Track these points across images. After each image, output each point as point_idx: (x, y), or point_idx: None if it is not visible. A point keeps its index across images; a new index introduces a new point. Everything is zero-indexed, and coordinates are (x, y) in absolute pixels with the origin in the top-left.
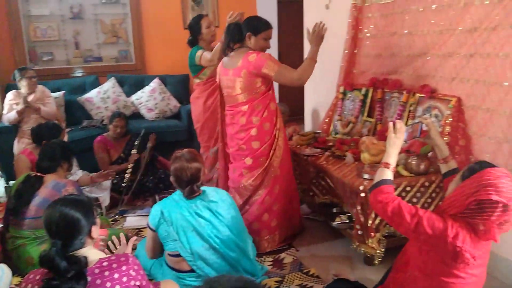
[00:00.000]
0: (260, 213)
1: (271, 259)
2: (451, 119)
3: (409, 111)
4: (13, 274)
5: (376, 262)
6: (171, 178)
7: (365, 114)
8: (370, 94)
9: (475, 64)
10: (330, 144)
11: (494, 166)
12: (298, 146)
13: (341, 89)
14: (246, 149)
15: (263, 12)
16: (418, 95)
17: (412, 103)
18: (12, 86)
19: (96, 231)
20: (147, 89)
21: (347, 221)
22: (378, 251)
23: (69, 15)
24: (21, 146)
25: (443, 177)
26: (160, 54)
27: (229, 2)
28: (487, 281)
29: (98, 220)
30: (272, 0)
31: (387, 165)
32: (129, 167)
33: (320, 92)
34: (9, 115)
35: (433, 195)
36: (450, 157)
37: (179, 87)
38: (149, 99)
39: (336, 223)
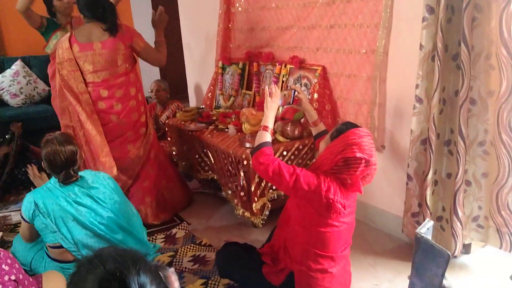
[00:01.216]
0: (140, 183)
1: (163, 236)
2: (318, 87)
3: (282, 81)
4: None
5: (259, 225)
6: (43, 164)
7: (244, 87)
8: (247, 68)
9: (336, 35)
10: (214, 118)
11: (358, 126)
12: (183, 122)
13: (220, 63)
14: (126, 122)
15: None
16: (289, 66)
17: (284, 74)
18: None
19: None
20: (8, 72)
21: (235, 189)
22: (260, 217)
23: None
24: None
25: (314, 138)
26: (20, 33)
27: None
28: (360, 227)
29: None
30: None
31: (266, 128)
32: None
33: (200, 68)
34: None
35: (305, 156)
36: (318, 121)
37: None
38: (12, 84)
39: (224, 192)
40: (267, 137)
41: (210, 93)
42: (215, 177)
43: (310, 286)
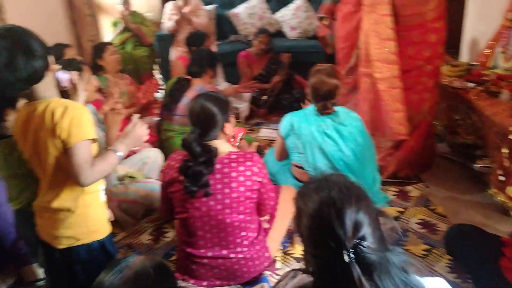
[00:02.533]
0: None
1: (396, 190)
2: None
3: None
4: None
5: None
6: (308, 90)
7: None
8: None
9: None
10: (486, 78)
11: None
12: (447, 77)
13: (510, 15)
14: (429, 69)
15: None
16: None
17: None
18: None
19: (229, 128)
20: (292, 6)
21: (490, 165)
22: None
23: None
24: (176, 53)
25: None
26: None
27: None
28: None
29: (232, 119)
30: None
31: None
32: (269, 89)
33: (485, 19)
34: (168, 24)
35: None
36: None
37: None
38: (293, 17)
39: (477, 165)
40: None
41: (489, 50)
42: (479, 142)
43: None
